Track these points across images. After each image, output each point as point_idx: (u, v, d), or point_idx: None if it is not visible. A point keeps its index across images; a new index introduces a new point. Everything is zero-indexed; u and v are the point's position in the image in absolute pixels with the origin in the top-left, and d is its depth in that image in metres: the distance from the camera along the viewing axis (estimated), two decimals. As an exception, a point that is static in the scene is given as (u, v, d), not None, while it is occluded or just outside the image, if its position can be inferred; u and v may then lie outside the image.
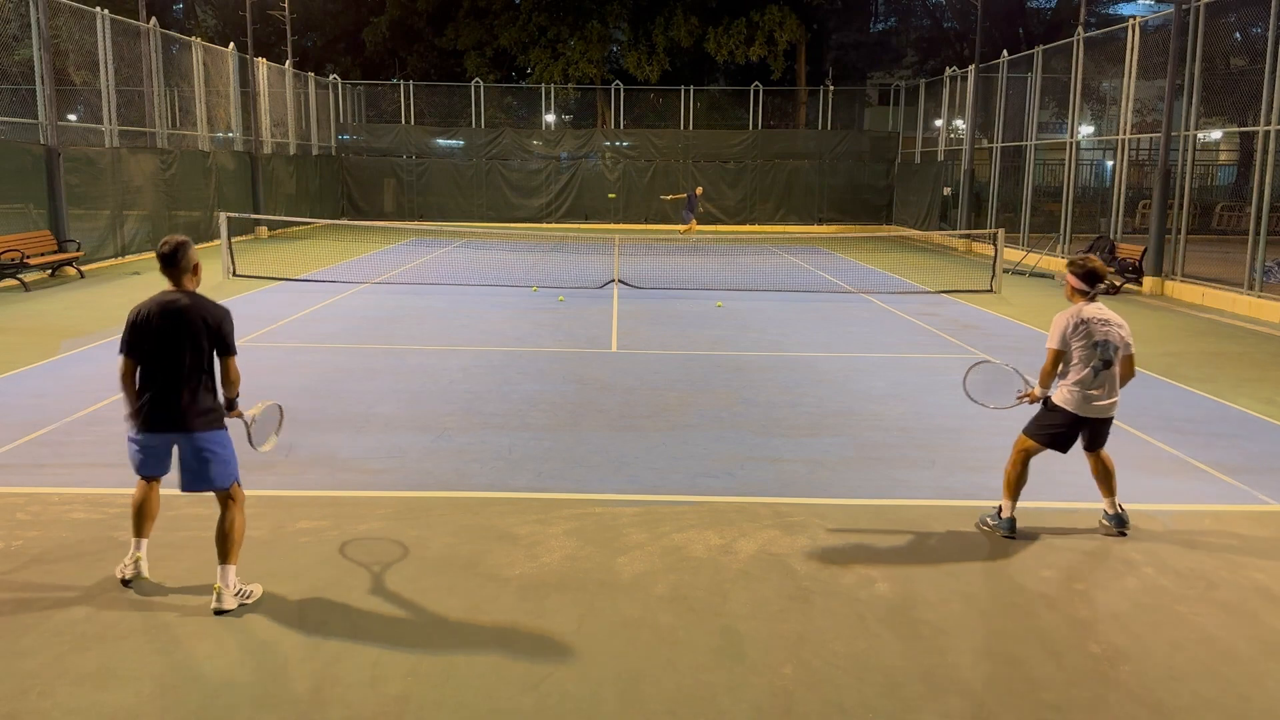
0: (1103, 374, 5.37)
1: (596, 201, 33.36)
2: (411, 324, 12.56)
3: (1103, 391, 5.39)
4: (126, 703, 3.77)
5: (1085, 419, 5.43)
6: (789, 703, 3.86)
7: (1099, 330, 5.37)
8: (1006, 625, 4.53)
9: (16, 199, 16.80)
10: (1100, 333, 5.37)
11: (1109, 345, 5.37)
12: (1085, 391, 5.38)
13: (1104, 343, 5.36)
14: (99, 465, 6.62)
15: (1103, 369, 5.36)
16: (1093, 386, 5.37)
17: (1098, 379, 5.36)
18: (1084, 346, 5.36)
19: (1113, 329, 5.40)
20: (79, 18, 19.08)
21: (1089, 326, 5.37)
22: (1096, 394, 5.38)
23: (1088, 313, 5.42)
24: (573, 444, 7.33)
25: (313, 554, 5.19)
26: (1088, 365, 5.36)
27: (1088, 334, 5.36)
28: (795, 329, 12.67)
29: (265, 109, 27.82)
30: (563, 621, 4.49)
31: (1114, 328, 5.41)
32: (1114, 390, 5.44)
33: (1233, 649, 4.35)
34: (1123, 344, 5.41)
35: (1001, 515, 5.63)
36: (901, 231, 30.29)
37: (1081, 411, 5.40)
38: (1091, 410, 5.40)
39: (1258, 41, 16.95)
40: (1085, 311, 5.43)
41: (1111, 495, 5.67)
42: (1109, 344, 5.37)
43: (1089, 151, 28.47)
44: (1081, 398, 5.39)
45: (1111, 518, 5.66)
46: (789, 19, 34.30)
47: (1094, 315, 5.41)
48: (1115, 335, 5.39)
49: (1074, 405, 5.40)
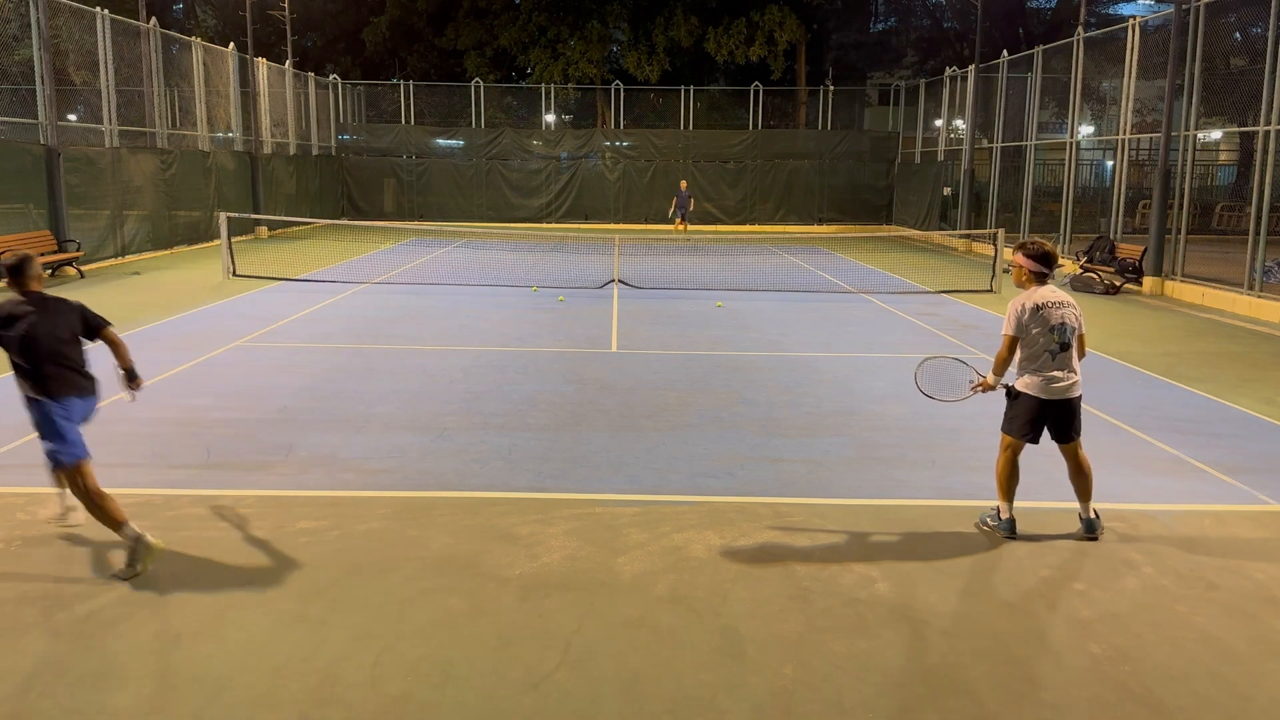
0: (1060, 356, 5.37)
1: (596, 201, 33.36)
2: (411, 324, 12.56)
3: (1063, 373, 5.39)
4: (126, 703, 3.77)
5: (1049, 401, 5.41)
6: (789, 703, 3.86)
7: (1055, 313, 5.37)
8: (1006, 625, 4.53)
9: (16, 199, 16.80)
10: (1056, 316, 5.36)
11: (1065, 328, 5.37)
12: (1046, 374, 5.38)
13: (1061, 325, 5.36)
14: (99, 465, 6.57)
15: (1060, 351, 5.36)
16: (1053, 368, 5.37)
17: (1056, 361, 5.37)
18: (1041, 331, 5.36)
19: (1067, 310, 5.41)
20: (79, 18, 19.08)
21: (1045, 310, 5.36)
22: (1058, 375, 5.38)
23: (1042, 296, 5.41)
24: (573, 444, 7.33)
25: (313, 554, 5.19)
26: (1046, 349, 5.36)
27: (1044, 318, 5.35)
28: (795, 329, 12.67)
29: (265, 109, 27.82)
30: (563, 621, 4.49)
31: (1068, 309, 5.42)
32: (1074, 370, 5.43)
33: (1233, 649, 4.35)
34: (1077, 324, 5.43)
35: (1000, 516, 5.62)
36: (901, 231, 30.29)
37: (1045, 394, 5.40)
38: (1054, 393, 5.39)
39: (1258, 41, 16.95)
40: (1039, 295, 5.42)
41: (1087, 500, 5.62)
42: (1065, 326, 5.37)
43: (1089, 151, 28.47)
44: (1043, 381, 5.39)
45: (1084, 522, 5.61)
46: (789, 19, 34.30)
47: (1049, 299, 5.40)
48: (1070, 316, 5.40)
49: (1037, 389, 5.40)
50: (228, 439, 7.26)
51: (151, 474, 6.46)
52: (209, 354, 10.37)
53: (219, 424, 7.67)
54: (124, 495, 6.00)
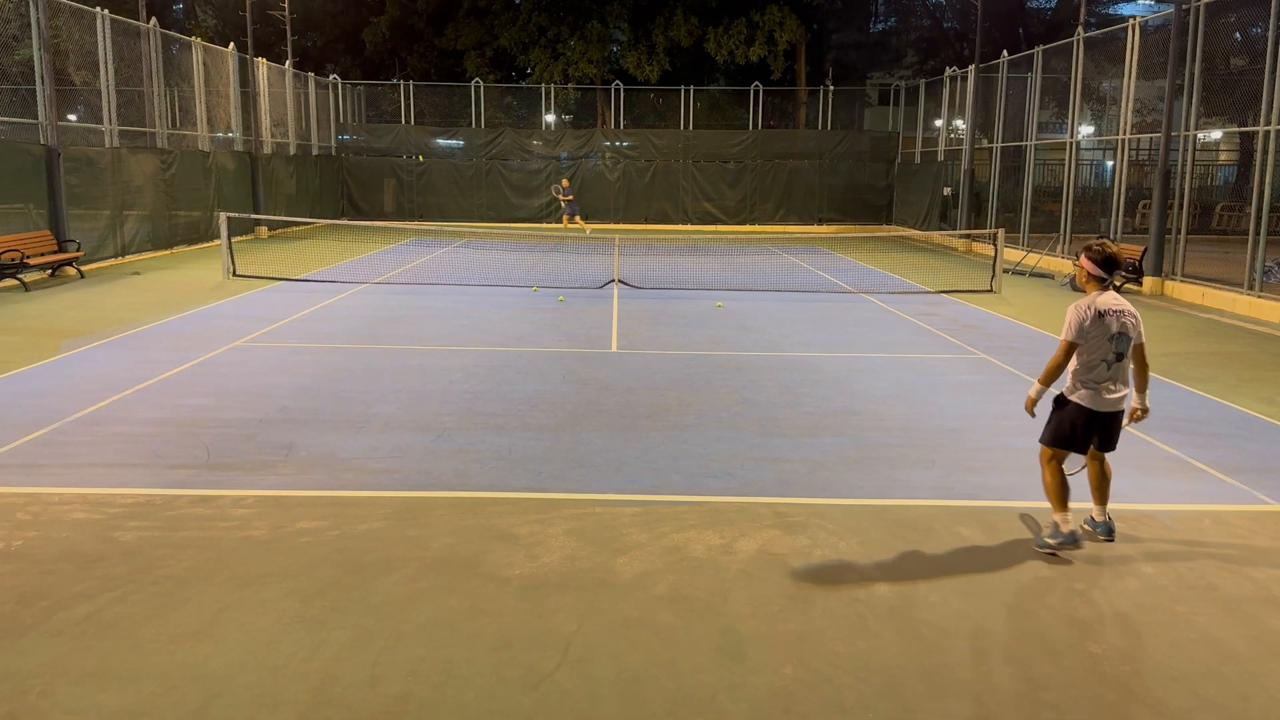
0: (1115, 366, 5.19)
1: (596, 201, 33.36)
2: (411, 324, 12.56)
3: (1116, 385, 5.22)
4: (126, 703, 3.77)
5: (1100, 414, 5.23)
6: (789, 703, 3.86)
7: (1115, 321, 5.15)
8: (1006, 625, 4.53)
9: (16, 199, 16.79)
10: (1116, 324, 5.15)
11: (1124, 337, 5.17)
12: (1100, 385, 5.19)
13: (1120, 334, 5.16)
14: (99, 465, 6.63)
15: (1115, 361, 5.18)
16: (1106, 379, 5.19)
17: (1110, 371, 5.18)
18: (1100, 339, 5.15)
19: (1127, 318, 5.20)
20: (79, 18, 19.08)
21: (1106, 318, 5.15)
22: (1112, 386, 5.21)
23: (1105, 303, 5.18)
24: (573, 444, 7.33)
25: (313, 554, 5.19)
26: (1102, 359, 5.16)
27: (1104, 326, 5.14)
28: (795, 329, 12.66)
29: (265, 109, 27.82)
30: (563, 621, 4.49)
31: (1129, 317, 5.21)
32: (1125, 382, 5.28)
33: (1233, 649, 4.35)
34: (1136, 334, 5.22)
35: (1061, 530, 5.31)
36: (901, 231, 30.29)
37: (1097, 406, 5.20)
38: (1106, 404, 5.21)
39: (1258, 41, 16.95)
40: (1102, 301, 5.19)
41: (1104, 503, 5.53)
42: (1125, 336, 5.17)
43: (1089, 151, 28.47)
44: (1096, 392, 5.20)
45: (1100, 525, 5.51)
46: (789, 19, 34.29)
47: (1111, 305, 5.18)
48: (1129, 325, 5.19)
49: (1089, 401, 5.20)
50: (228, 439, 7.26)
51: (151, 474, 6.46)
52: (209, 354, 10.37)
53: (219, 424, 7.67)
54: (124, 495, 6.01)
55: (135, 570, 4.94)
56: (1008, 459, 7.11)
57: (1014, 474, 6.76)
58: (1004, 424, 8.13)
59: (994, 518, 5.91)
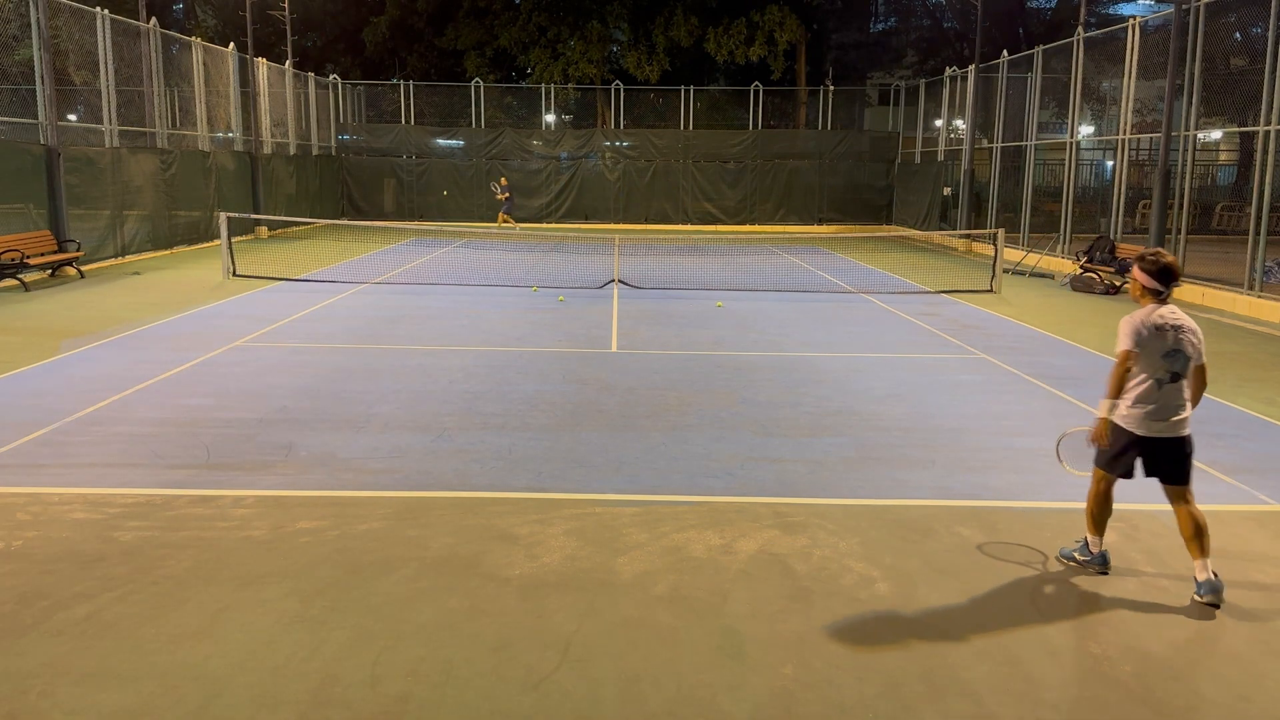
0: (1168, 387, 4.65)
1: (596, 201, 33.37)
2: (411, 324, 12.56)
3: (1168, 408, 4.68)
4: (126, 703, 3.77)
5: (1146, 439, 4.70)
6: (789, 703, 3.86)
7: (1173, 337, 4.64)
8: (1006, 625, 4.53)
9: (16, 199, 16.79)
10: (1174, 341, 4.64)
11: (1181, 356, 4.66)
12: (1146, 408, 4.69)
13: (1176, 352, 4.65)
14: (99, 465, 6.63)
15: (1169, 382, 4.64)
16: (1153, 401, 4.67)
17: (1161, 392, 4.66)
18: (1153, 355, 4.65)
19: (1186, 335, 4.68)
20: (79, 18, 19.08)
21: (1164, 333, 4.64)
22: (1161, 409, 4.67)
23: (1163, 316, 4.67)
24: (573, 444, 7.33)
25: (313, 554, 5.19)
26: (1152, 377, 4.66)
27: (1162, 341, 4.64)
28: (795, 329, 12.67)
29: (265, 109, 27.82)
30: (563, 621, 4.49)
31: (1188, 334, 4.68)
32: (1181, 405, 4.71)
33: (1233, 649, 4.35)
34: (1195, 354, 4.71)
35: (1090, 550, 5.07)
36: (901, 231, 30.29)
37: (1141, 430, 4.70)
38: (1152, 429, 4.68)
39: (1258, 41, 16.96)
40: (1160, 315, 4.67)
41: (1203, 556, 4.75)
42: (1181, 354, 4.66)
43: (1089, 151, 28.48)
44: (1141, 414, 4.70)
45: (1203, 585, 4.72)
46: (789, 19, 34.29)
47: (1170, 320, 4.67)
48: (1188, 344, 4.68)
49: (1132, 423, 4.72)
50: (228, 439, 7.26)
51: (151, 474, 6.46)
52: (209, 354, 10.37)
53: (219, 424, 7.67)
54: (124, 495, 6.01)
55: (135, 570, 4.94)
56: (1008, 459, 7.11)
57: (1014, 474, 6.77)
58: (1004, 424, 8.13)
59: (994, 518, 5.91)
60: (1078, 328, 13.26)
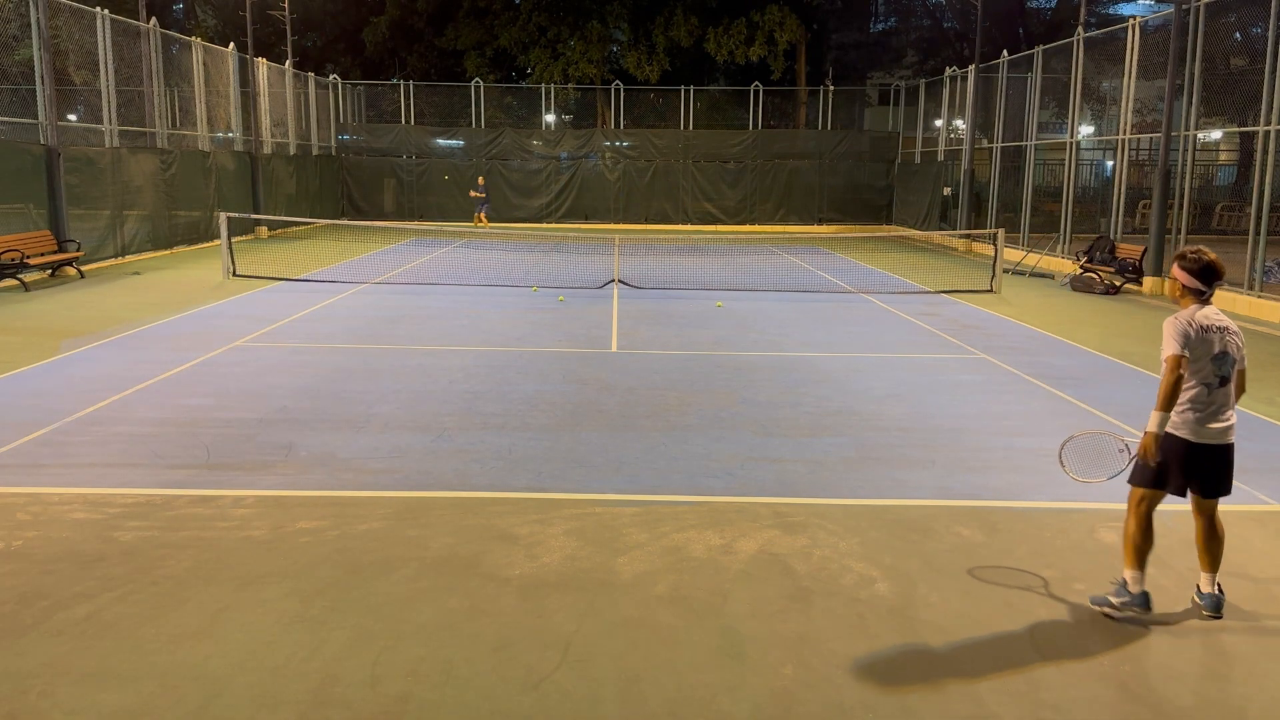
0: (1217, 391, 4.50)
1: (596, 201, 33.38)
2: (411, 324, 12.56)
3: (1220, 411, 4.51)
4: (126, 703, 3.77)
5: (1201, 446, 4.49)
6: (789, 703, 3.86)
7: (1219, 339, 4.48)
8: (1006, 625, 4.53)
9: (16, 199, 16.79)
10: (1220, 342, 4.48)
11: (1229, 358, 4.51)
12: (1199, 413, 4.48)
13: (1223, 354, 4.49)
14: (99, 465, 6.63)
15: (1218, 386, 4.49)
16: (1204, 407, 4.49)
17: (1211, 396, 4.49)
18: (1202, 358, 4.46)
19: (1230, 337, 4.54)
20: (79, 18, 19.08)
21: (1210, 335, 4.46)
22: (1214, 413, 4.50)
23: (1207, 317, 4.49)
24: (573, 444, 7.33)
25: (313, 554, 5.19)
26: (1202, 382, 4.48)
27: (1210, 343, 4.46)
28: (795, 329, 12.67)
29: (265, 109, 27.82)
30: (563, 621, 4.49)
31: (1232, 335, 4.55)
32: (1230, 409, 4.56)
33: (1232, 649, 4.35)
34: (1240, 356, 4.58)
35: (1130, 590, 4.62)
36: (901, 231, 30.29)
37: (1195, 437, 4.48)
38: (1208, 435, 4.49)
39: (1258, 41, 16.96)
40: (1204, 316, 4.49)
41: (1213, 570, 4.68)
42: (1229, 356, 4.51)
43: (1089, 151, 28.47)
44: (1196, 419, 4.48)
45: (1206, 598, 4.67)
46: (789, 19, 34.30)
47: (1215, 321, 4.51)
48: (1233, 345, 4.54)
49: (1187, 430, 4.49)
50: (228, 439, 7.26)
51: (151, 474, 6.46)
52: (209, 354, 10.37)
53: (219, 424, 7.67)
54: (124, 495, 6.01)
55: (135, 570, 4.94)
56: (1008, 459, 7.12)
57: (1014, 474, 6.77)
58: (1004, 424, 8.13)
59: (994, 518, 5.91)
60: (1078, 328, 13.26)
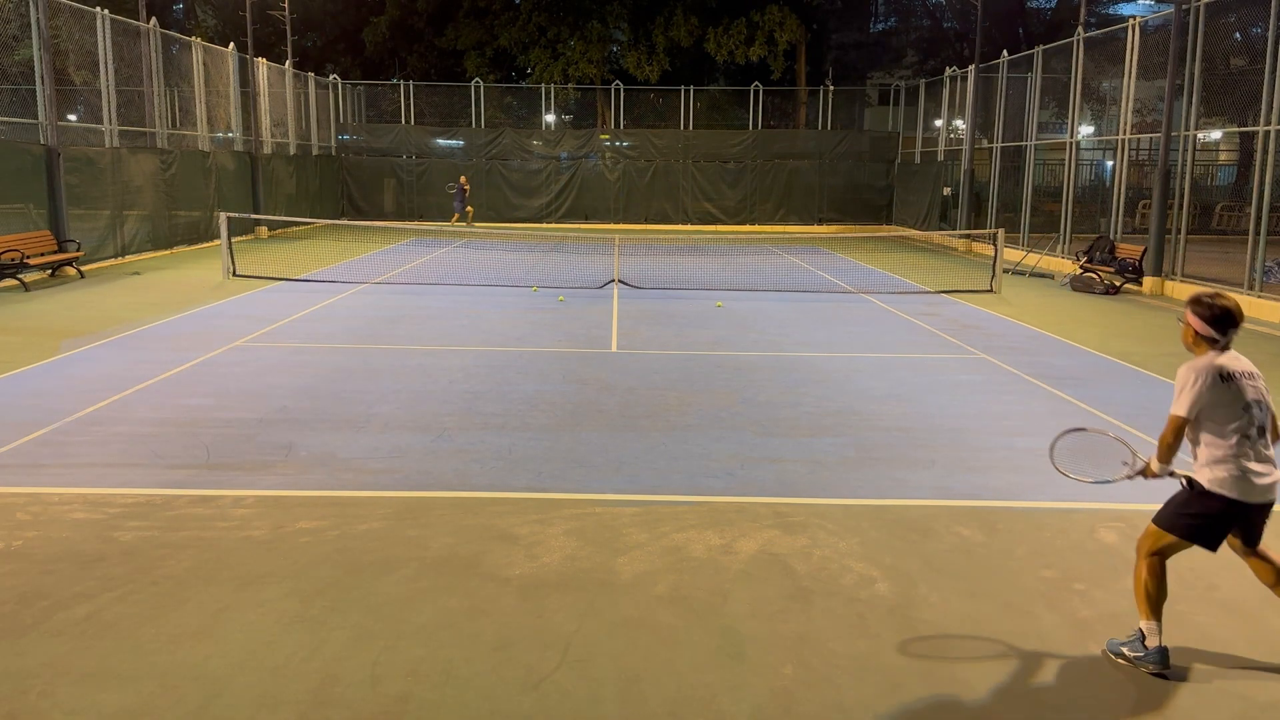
0: (1259, 443, 4.09)
1: (596, 201, 33.38)
2: (411, 324, 12.56)
3: (1264, 466, 4.08)
4: (126, 703, 3.77)
5: (1248, 505, 4.08)
6: (789, 703, 3.86)
7: (1249, 386, 4.10)
8: (1006, 625, 4.53)
9: (16, 199, 16.79)
10: (1251, 389, 4.10)
11: (1263, 406, 4.11)
12: (1243, 466, 4.05)
13: (1257, 402, 4.09)
14: (99, 465, 6.63)
15: (1259, 437, 4.09)
16: (1252, 459, 4.06)
17: (1253, 446, 4.08)
18: (1231, 407, 4.07)
19: (1260, 383, 4.16)
20: (79, 18, 19.08)
21: (1236, 383, 4.09)
22: (1258, 468, 4.06)
23: (1228, 364, 4.12)
24: (573, 444, 7.33)
25: (313, 554, 5.19)
26: (1239, 432, 4.07)
27: (1236, 392, 4.08)
28: (795, 329, 12.67)
29: (265, 109, 27.82)
30: (563, 621, 4.49)
31: (1259, 381, 4.17)
32: (1274, 461, 4.15)
33: (1233, 649, 4.35)
34: (1267, 400, 4.19)
35: (1146, 644, 4.18)
36: (901, 231, 30.29)
37: (1245, 496, 4.05)
38: (1255, 493, 4.06)
39: (1258, 41, 16.95)
40: (1223, 363, 4.12)
41: None
42: (1262, 404, 4.11)
43: (1089, 151, 28.47)
44: (1240, 476, 4.05)
45: None
46: (789, 19, 34.31)
47: (1238, 368, 4.13)
48: (1264, 391, 4.17)
49: (1233, 488, 4.05)
50: (228, 439, 7.26)
51: (151, 474, 6.46)
52: (209, 354, 10.37)
53: (219, 424, 7.67)
54: (124, 495, 6.01)
55: (135, 570, 4.94)
56: (1008, 459, 7.11)
57: (1014, 474, 6.77)
58: (1004, 424, 8.13)
59: (994, 518, 5.91)
60: (1078, 328, 13.26)
